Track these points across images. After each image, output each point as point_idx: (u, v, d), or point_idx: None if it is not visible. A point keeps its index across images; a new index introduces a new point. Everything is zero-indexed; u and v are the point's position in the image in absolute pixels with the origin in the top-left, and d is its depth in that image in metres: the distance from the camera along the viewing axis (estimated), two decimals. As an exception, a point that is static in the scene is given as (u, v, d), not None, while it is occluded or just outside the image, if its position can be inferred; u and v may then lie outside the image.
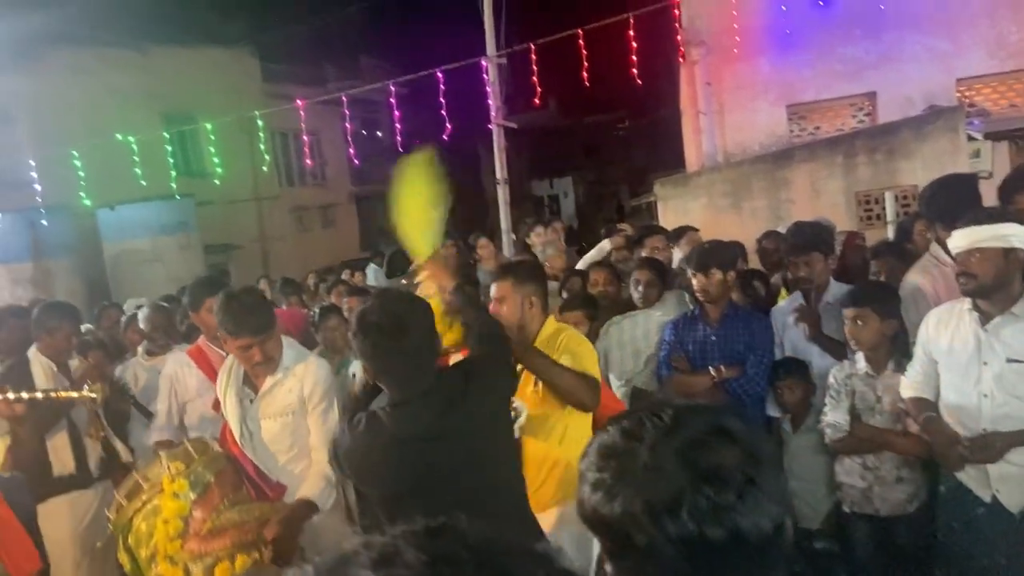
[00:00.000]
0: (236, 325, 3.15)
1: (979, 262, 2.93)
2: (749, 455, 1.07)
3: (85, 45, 15.46)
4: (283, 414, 3.30)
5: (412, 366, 2.42)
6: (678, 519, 1.02)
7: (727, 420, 1.12)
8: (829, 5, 9.78)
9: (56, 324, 4.27)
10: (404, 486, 2.40)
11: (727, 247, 4.51)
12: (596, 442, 1.13)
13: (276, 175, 20.00)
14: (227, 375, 3.37)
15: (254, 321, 3.19)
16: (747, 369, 4.13)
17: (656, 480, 1.04)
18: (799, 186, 8.82)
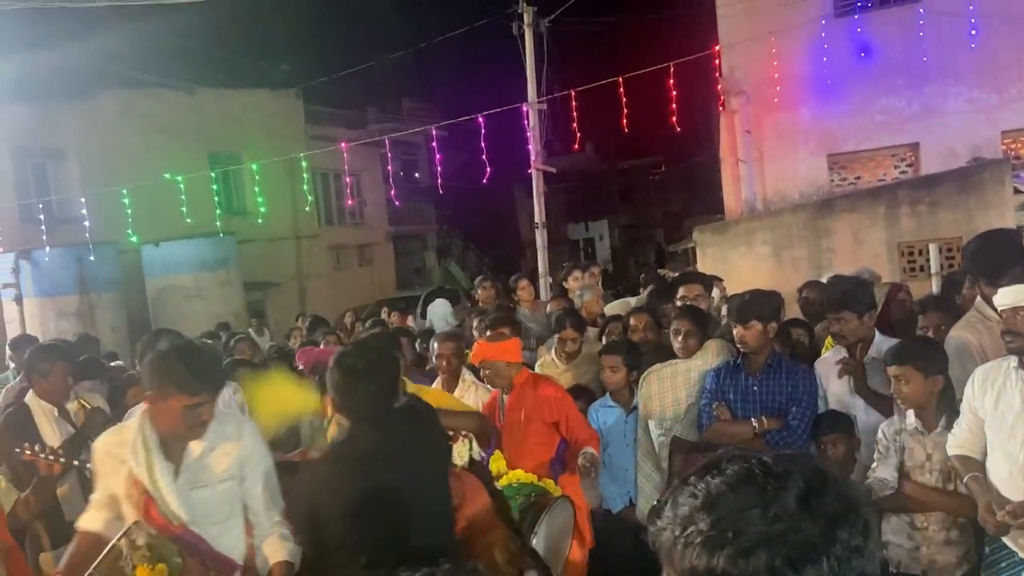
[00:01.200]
0: (197, 380, 2.79)
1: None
2: (855, 499, 1.06)
3: (136, 86, 15.99)
4: (221, 481, 2.95)
5: (374, 402, 2.92)
6: (820, 569, 0.99)
7: (825, 465, 1.11)
8: (871, 56, 9.80)
9: (48, 367, 4.16)
10: (359, 505, 2.80)
11: (768, 298, 4.47)
12: (694, 495, 1.08)
13: (316, 214, 20.33)
14: (142, 443, 2.80)
15: (217, 376, 2.97)
16: (789, 421, 4.07)
17: (786, 531, 1.00)
18: (840, 236, 8.76)
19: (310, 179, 13.52)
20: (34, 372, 4.21)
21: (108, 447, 2.87)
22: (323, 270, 21.32)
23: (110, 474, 2.83)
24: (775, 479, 1.04)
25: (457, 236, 29.67)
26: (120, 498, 2.83)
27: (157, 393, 2.78)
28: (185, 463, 2.87)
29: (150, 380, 2.83)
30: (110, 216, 12.72)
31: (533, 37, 10.68)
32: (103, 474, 2.86)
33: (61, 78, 13.89)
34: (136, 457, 2.78)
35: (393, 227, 25.06)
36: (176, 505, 2.78)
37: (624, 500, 4.75)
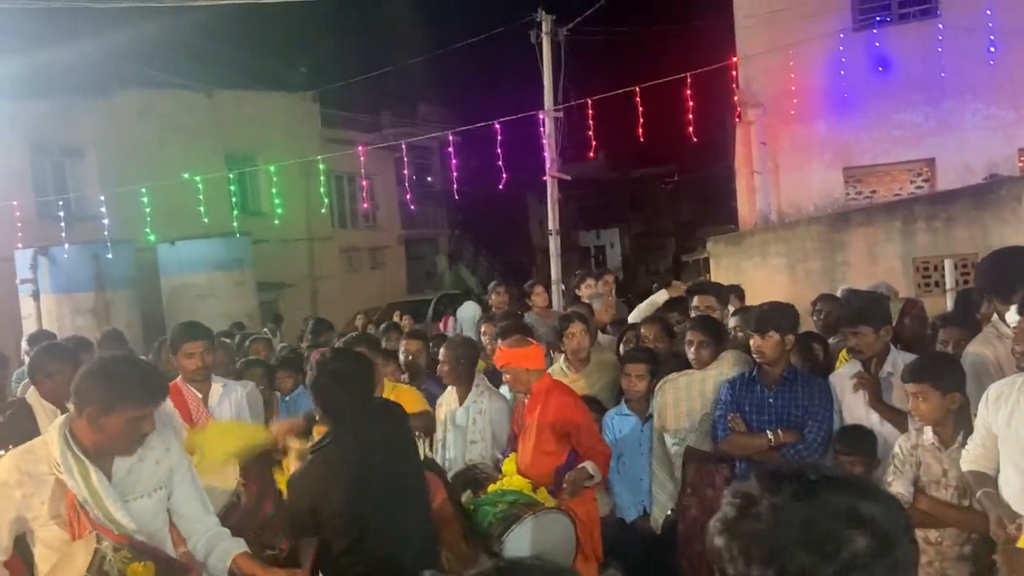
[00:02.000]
0: (148, 391, 2.73)
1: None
2: (875, 542, 1.11)
3: (155, 86, 16.12)
4: (155, 489, 2.89)
5: (356, 403, 3.23)
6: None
7: (871, 501, 1.16)
8: (888, 71, 9.81)
9: (56, 367, 4.13)
10: (355, 500, 3.11)
11: (786, 310, 4.48)
12: (736, 486, 1.17)
13: (329, 216, 20.42)
14: (72, 457, 2.65)
15: (163, 387, 2.93)
16: (805, 434, 4.08)
17: (763, 533, 1.09)
18: (855, 249, 8.76)
19: (325, 182, 13.58)
20: (39, 372, 4.18)
21: (23, 466, 2.65)
22: (335, 272, 21.41)
23: (26, 496, 2.63)
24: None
25: (469, 241, 29.74)
26: (31, 520, 2.66)
27: (100, 405, 2.62)
28: (116, 476, 2.76)
29: (91, 392, 2.64)
30: (127, 214, 12.83)
31: (551, 45, 10.74)
32: (12, 497, 2.63)
33: (80, 76, 14.03)
34: (70, 471, 2.61)
35: (405, 231, 25.14)
36: (121, 515, 2.67)
37: (638, 509, 4.77)
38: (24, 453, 2.71)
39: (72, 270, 12.03)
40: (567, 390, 4.49)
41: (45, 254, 12.04)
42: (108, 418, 2.63)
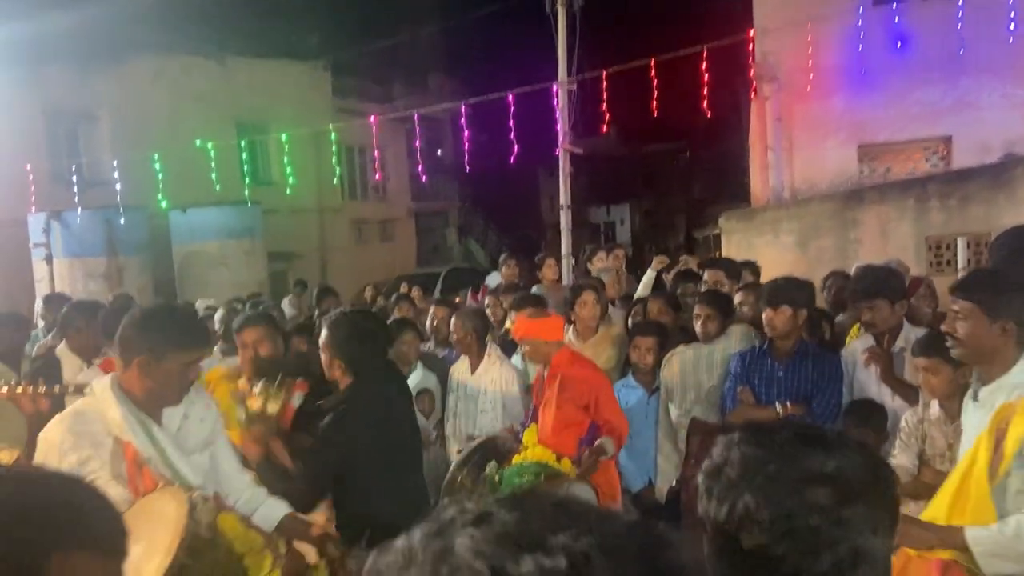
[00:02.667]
0: (192, 336, 2.74)
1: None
2: (844, 495, 1.14)
3: (168, 52, 16.06)
4: (204, 446, 2.87)
5: (380, 359, 3.52)
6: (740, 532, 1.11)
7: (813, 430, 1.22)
8: (907, 47, 9.69)
9: (84, 323, 4.30)
10: (384, 448, 3.32)
11: (801, 285, 4.49)
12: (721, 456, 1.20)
13: (340, 187, 20.40)
14: (131, 413, 2.61)
15: (205, 332, 2.96)
16: (814, 408, 4.10)
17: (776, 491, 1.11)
18: (868, 227, 8.72)
19: (337, 150, 13.54)
20: (70, 327, 4.34)
21: (77, 428, 2.53)
22: (345, 243, 21.43)
23: (82, 460, 2.48)
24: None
25: (479, 215, 29.70)
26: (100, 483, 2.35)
27: (151, 353, 2.58)
28: (169, 432, 2.72)
29: (142, 340, 2.60)
30: (139, 180, 12.85)
31: (566, 16, 10.61)
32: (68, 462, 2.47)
33: (94, 41, 13.98)
34: (133, 429, 2.58)
35: (415, 203, 25.11)
36: (186, 469, 2.64)
37: (643, 480, 4.82)
38: (75, 415, 2.59)
39: (84, 235, 12.09)
40: (587, 362, 4.49)
41: (58, 218, 12.10)
42: (160, 365, 2.60)
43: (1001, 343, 2.49)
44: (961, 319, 2.55)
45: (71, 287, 11.32)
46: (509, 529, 0.71)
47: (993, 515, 2.29)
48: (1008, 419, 2.32)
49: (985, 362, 2.56)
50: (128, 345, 2.63)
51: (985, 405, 2.52)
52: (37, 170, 12.21)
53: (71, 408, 2.64)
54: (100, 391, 2.63)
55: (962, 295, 2.58)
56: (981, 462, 2.34)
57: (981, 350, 2.54)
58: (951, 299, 2.63)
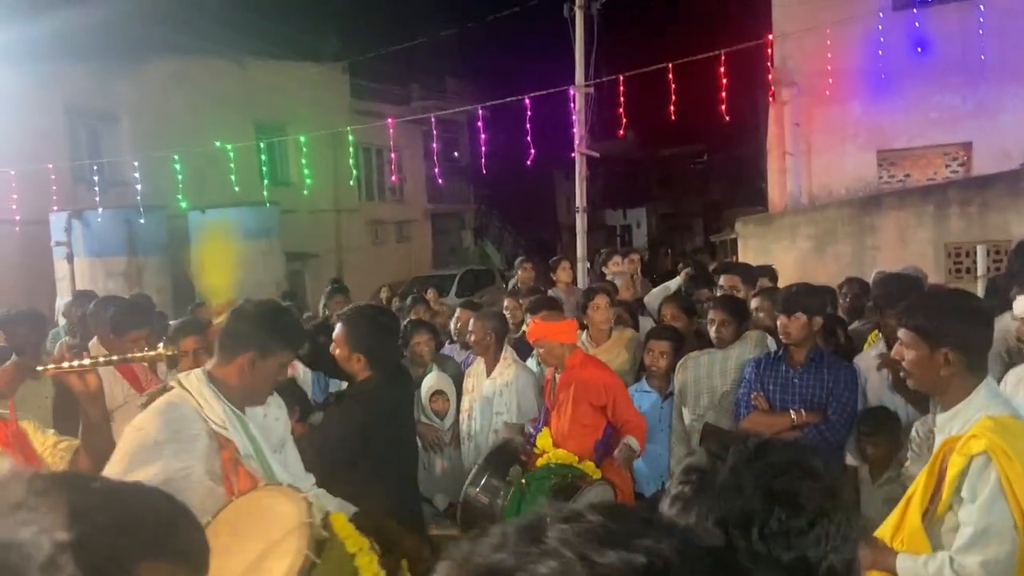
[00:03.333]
0: (298, 337, 2.79)
1: None
2: (826, 490, 1.13)
3: (188, 54, 16.19)
4: (281, 446, 2.85)
5: (396, 354, 3.75)
6: (748, 536, 1.07)
7: (809, 456, 1.18)
8: (927, 52, 9.62)
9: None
10: (396, 440, 3.53)
11: (816, 292, 4.47)
12: (684, 462, 1.22)
13: (357, 188, 20.51)
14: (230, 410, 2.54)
15: (304, 334, 3.09)
16: (828, 415, 4.08)
17: (732, 498, 1.10)
18: (886, 233, 8.67)
19: (354, 152, 13.62)
20: (99, 323, 4.43)
21: (173, 424, 2.41)
22: (361, 244, 21.52)
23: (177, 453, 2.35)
24: (742, 455, 1.16)
25: (495, 216, 29.73)
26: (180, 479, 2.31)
27: (258, 350, 2.55)
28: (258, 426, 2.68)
29: (251, 336, 2.57)
30: (159, 180, 12.98)
31: (584, 19, 10.63)
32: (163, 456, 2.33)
33: (116, 41, 14.12)
34: (233, 425, 2.51)
35: (432, 205, 25.18)
36: (278, 467, 2.60)
37: (657, 484, 4.81)
38: (169, 409, 2.46)
39: (105, 234, 12.20)
40: (600, 364, 4.53)
41: (79, 218, 12.23)
42: (264, 362, 2.56)
43: (947, 372, 2.37)
44: (906, 347, 2.46)
45: (91, 286, 11.39)
46: (596, 527, 0.77)
47: (927, 547, 2.26)
48: (948, 455, 2.27)
49: (939, 391, 2.46)
50: (236, 339, 2.58)
51: (943, 431, 2.44)
52: (58, 170, 12.35)
53: (164, 400, 2.51)
54: (195, 385, 2.53)
55: (905, 322, 2.48)
56: (919, 492, 2.32)
57: (930, 379, 2.43)
58: (897, 326, 2.54)
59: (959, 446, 2.25)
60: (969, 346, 2.37)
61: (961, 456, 2.22)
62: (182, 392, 2.52)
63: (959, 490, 2.22)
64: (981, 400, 2.35)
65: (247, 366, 2.56)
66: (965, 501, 2.20)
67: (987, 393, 2.37)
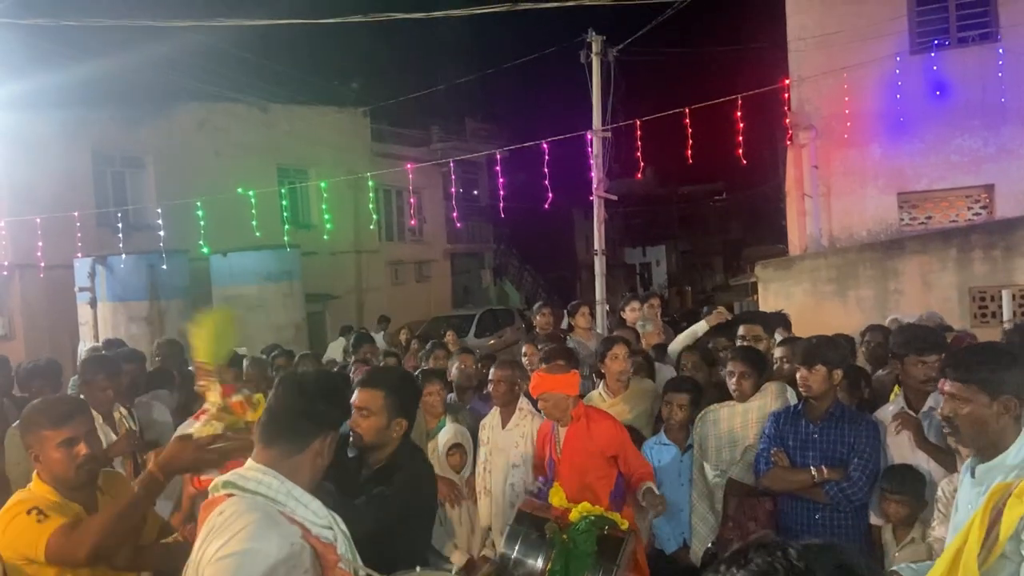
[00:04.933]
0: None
1: None
2: None
3: (212, 100, 16.53)
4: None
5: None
6: None
7: (855, 561, 1.12)
8: (946, 95, 9.59)
9: (92, 376, 4.34)
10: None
11: (836, 344, 4.40)
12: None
13: (377, 229, 20.68)
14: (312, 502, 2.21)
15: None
16: (850, 472, 3.98)
17: None
18: (909, 277, 8.56)
19: (374, 196, 13.75)
20: (82, 380, 4.41)
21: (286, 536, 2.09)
22: (381, 285, 21.63)
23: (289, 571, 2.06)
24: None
25: (514, 256, 29.81)
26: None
27: (334, 430, 2.32)
28: None
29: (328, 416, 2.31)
30: (182, 225, 13.16)
31: (600, 66, 10.74)
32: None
33: (141, 89, 14.45)
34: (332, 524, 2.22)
35: (451, 245, 25.32)
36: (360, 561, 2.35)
37: (678, 541, 4.71)
38: (272, 522, 2.06)
39: (128, 279, 12.34)
40: (605, 414, 4.48)
41: (103, 263, 12.39)
42: (329, 442, 2.26)
43: (1004, 422, 2.38)
44: (960, 402, 2.42)
45: (114, 331, 11.54)
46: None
47: None
48: (1004, 501, 2.22)
49: (989, 443, 2.43)
50: (311, 422, 2.21)
51: (981, 483, 2.42)
52: (83, 216, 12.56)
53: (259, 513, 2.06)
54: (272, 484, 2.11)
55: (960, 376, 2.44)
56: (972, 542, 2.24)
57: (984, 431, 2.41)
58: (944, 381, 2.49)
59: (1018, 490, 2.19)
60: (1021, 393, 2.37)
61: (1023, 499, 2.18)
62: (253, 497, 2.09)
63: (1019, 534, 2.15)
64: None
65: (326, 450, 2.23)
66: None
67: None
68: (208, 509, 2.14)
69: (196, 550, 2.09)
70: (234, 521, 2.03)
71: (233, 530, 2.01)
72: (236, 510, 2.05)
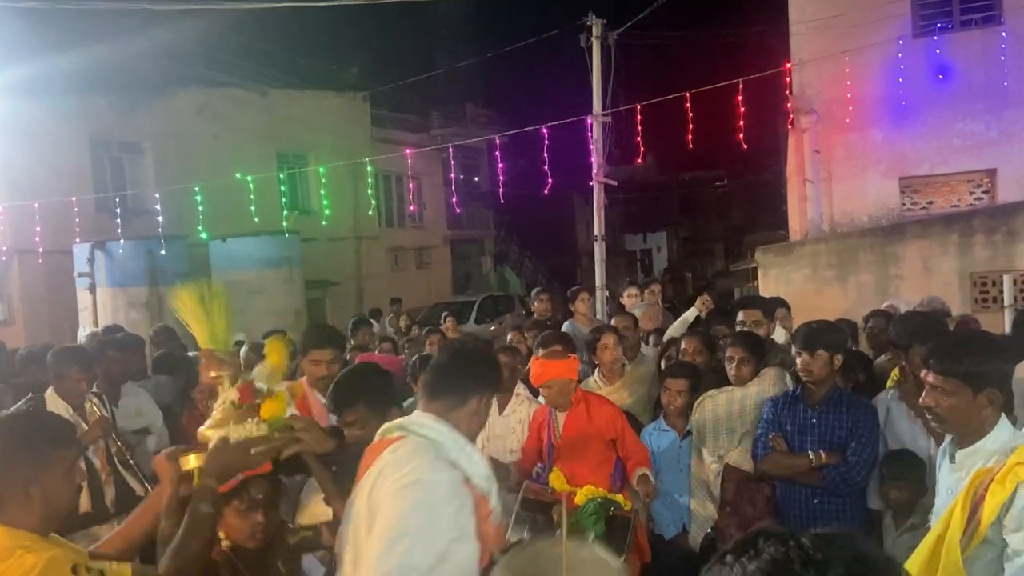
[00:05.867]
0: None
1: None
2: None
3: (211, 85, 16.45)
4: None
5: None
6: None
7: (871, 551, 1.08)
8: (949, 78, 9.52)
9: (64, 369, 4.24)
10: None
11: (837, 329, 4.38)
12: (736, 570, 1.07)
13: (376, 216, 20.62)
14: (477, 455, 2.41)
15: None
16: (848, 456, 3.97)
17: None
18: (910, 263, 8.52)
19: (373, 182, 13.69)
20: (52, 372, 4.29)
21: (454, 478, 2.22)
22: (381, 271, 21.60)
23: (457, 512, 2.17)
24: (812, 568, 1.02)
25: (514, 242, 29.77)
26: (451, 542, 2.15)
27: (492, 389, 2.50)
28: None
29: (489, 376, 2.53)
30: (181, 211, 13.12)
31: (601, 49, 10.65)
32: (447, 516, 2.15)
33: (140, 74, 14.38)
34: (489, 477, 2.35)
35: (451, 231, 25.27)
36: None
37: (677, 526, 4.70)
38: (443, 462, 2.22)
39: (127, 264, 12.32)
40: (603, 399, 4.52)
41: (102, 248, 12.36)
42: (485, 402, 2.44)
43: (987, 413, 2.41)
44: (943, 394, 2.44)
45: (113, 316, 11.53)
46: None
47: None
48: (985, 485, 2.25)
49: (971, 431, 2.46)
50: (481, 380, 2.44)
51: (961, 468, 2.44)
52: (82, 201, 12.52)
53: (426, 453, 2.23)
54: (443, 431, 2.30)
55: (943, 368, 2.46)
56: (955, 527, 2.29)
57: (967, 421, 2.44)
58: (927, 372, 2.51)
59: (1000, 476, 2.23)
60: (1004, 384, 2.44)
61: (1005, 485, 2.21)
62: (424, 440, 2.27)
63: (1001, 519, 2.19)
64: (1004, 433, 2.41)
65: (482, 409, 2.43)
66: (1008, 529, 2.19)
67: (1006, 426, 2.43)
68: (375, 452, 2.32)
69: (366, 487, 2.25)
70: (411, 458, 2.22)
71: (411, 464, 2.20)
72: (411, 449, 2.25)
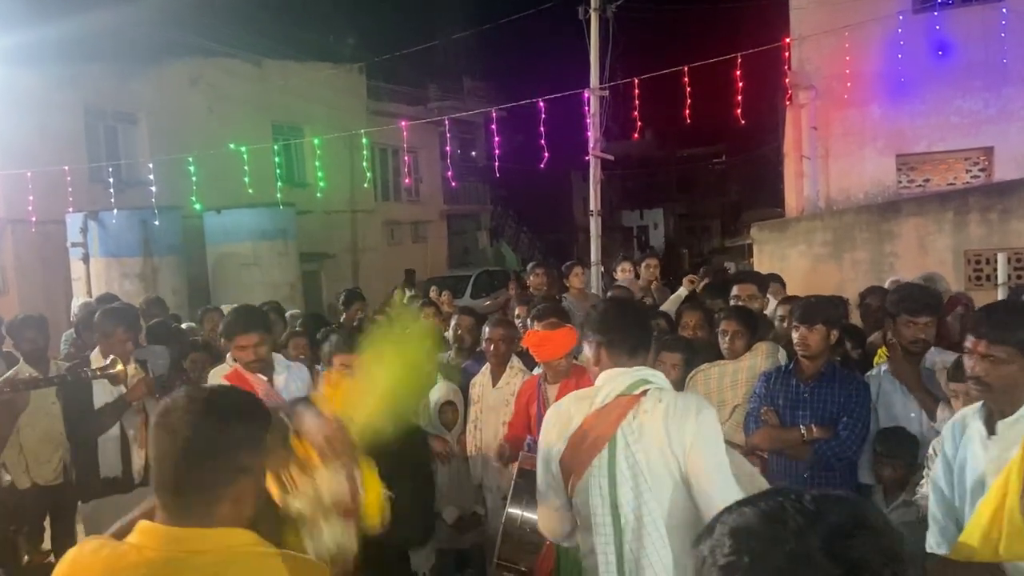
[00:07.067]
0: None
1: None
2: (892, 551, 1.04)
3: (206, 55, 16.27)
4: None
5: None
6: None
7: (869, 512, 1.09)
8: (948, 55, 9.46)
9: (111, 329, 4.36)
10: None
11: (834, 303, 4.39)
12: (727, 522, 1.08)
13: (372, 189, 20.52)
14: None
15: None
16: (839, 431, 3.99)
17: (803, 569, 1.00)
18: (905, 240, 8.53)
19: (369, 155, 13.61)
20: (99, 332, 4.40)
21: None
22: (377, 245, 21.54)
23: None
24: (804, 517, 1.03)
25: (511, 217, 29.71)
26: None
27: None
28: None
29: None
30: (175, 182, 13.04)
31: (599, 22, 10.55)
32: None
33: (134, 43, 14.21)
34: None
35: (448, 205, 25.18)
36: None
37: (668, 499, 4.73)
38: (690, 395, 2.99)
39: (121, 235, 12.25)
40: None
41: (95, 218, 12.29)
42: (648, 358, 2.83)
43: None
44: (994, 363, 2.42)
45: (107, 287, 11.47)
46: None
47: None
48: None
49: (1011, 400, 2.45)
50: (650, 337, 2.85)
51: (1004, 438, 2.41)
52: (75, 171, 12.42)
53: (676, 392, 2.73)
54: (662, 379, 2.70)
55: (998, 337, 2.43)
56: (1014, 494, 2.24)
57: (1015, 391, 2.42)
58: (978, 341, 2.48)
59: None
60: None
61: None
62: (664, 388, 2.66)
63: None
64: None
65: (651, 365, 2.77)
66: None
67: None
68: (623, 406, 2.56)
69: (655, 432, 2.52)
70: (676, 399, 2.58)
71: (686, 404, 2.57)
72: (667, 395, 2.59)
